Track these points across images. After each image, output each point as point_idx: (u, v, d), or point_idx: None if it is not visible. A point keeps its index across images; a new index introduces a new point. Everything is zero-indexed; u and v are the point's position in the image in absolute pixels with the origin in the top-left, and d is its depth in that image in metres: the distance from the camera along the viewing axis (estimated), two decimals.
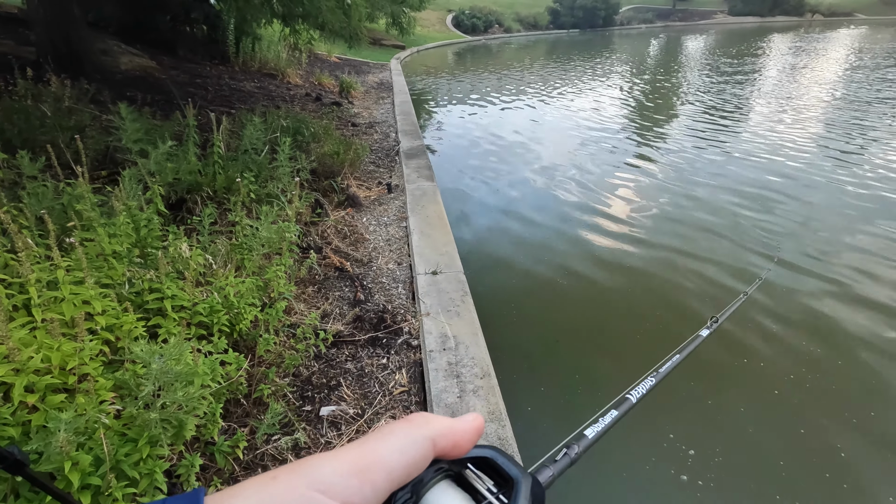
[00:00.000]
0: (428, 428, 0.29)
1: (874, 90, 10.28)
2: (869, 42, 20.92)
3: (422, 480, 0.28)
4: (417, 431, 0.29)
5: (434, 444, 0.29)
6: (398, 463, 0.27)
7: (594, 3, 30.88)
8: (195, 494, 0.24)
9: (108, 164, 3.19)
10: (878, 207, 4.74)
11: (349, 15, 4.48)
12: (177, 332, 1.67)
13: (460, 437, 0.30)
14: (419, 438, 0.28)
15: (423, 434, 0.29)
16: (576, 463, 0.54)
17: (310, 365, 2.22)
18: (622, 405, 0.68)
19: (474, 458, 0.31)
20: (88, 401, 1.26)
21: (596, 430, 0.60)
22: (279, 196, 3.16)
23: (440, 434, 0.29)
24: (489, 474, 0.31)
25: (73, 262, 1.59)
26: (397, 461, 0.27)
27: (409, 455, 0.27)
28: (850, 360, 2.78)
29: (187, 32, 8.01)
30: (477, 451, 0.31)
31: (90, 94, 4.02)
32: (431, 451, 0.29)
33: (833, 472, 2.14)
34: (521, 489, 0.29)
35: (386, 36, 15.90)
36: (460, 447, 0.30)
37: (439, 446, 0.29)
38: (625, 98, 10.56)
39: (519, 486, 0.29)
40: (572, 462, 0.53)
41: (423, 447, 0.28)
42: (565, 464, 0.52)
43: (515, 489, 0.29)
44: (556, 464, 0.51)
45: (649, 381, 0.75)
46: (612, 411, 0.65)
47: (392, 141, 6.00)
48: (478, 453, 0.31)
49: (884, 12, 36.82)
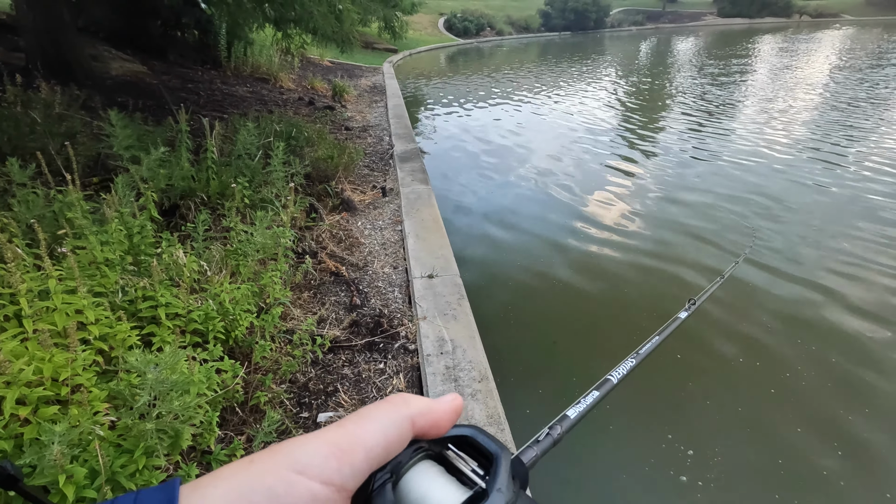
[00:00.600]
0: (407, 407, 0.29)
1: (860, 90, 10.40)
2: (856, 42, 21.19)
3: (401, 461, 0.28)
4: (396, 411, 0.29)
5: (413, 423, 0.29)
6: (377, 443, 0.27)
7: (585, 5, 31.10)
8: (171, 485, 0.24)
9: (100, 170, 3.16)
10: (856, 208, 4.79)
11: (341, 19, 4.48)
12: (171, 341, 1.65)
13: (439, 416, 0.30)
14: (398, 418, 0.28)
15: (402, 414, 0.29)
16: (559, 443, 0.54)
17: (307, 371, 2.21)
18: (603, 386, 0.69)
19: (455, 438, 0.31)
20: (82, 412, 1.24)
21: (578, 410, 0.61)
22: (273, 201, 3.14)
23: (419, 413, 0.29)
24: (472, 455, 0.31)
25: (64, 270, 1.57)
26: (376, 441, 0.27)
27: (388, 435, 0.27)
28: (843, 357, 2.80)
29: (178, 37, 7.97)
30: (456, 430, 0.31)
31: (81, 101, 3.98)
32: (410, 431, 0.29)
33: (828, 468, 2.15)
34: (500, 465, 0.29)
35: (378, 40, 15.93)
36: (439, 427, 0.30)
37: (418, 426, 0.29)
38: (616, 100, 10.62)
39: (499, 462, 0.29)
40: (555, 442, 0.54)
41: (402, 426, 0.28)
42: (548, 444, 0.53)
43: (495, 465, 0.29)
44: (540, 444, 0.52)
45: (630, 362, 0.75)
46: (594, 392, 0.66)
47: (386, 144, 5.99)
48: (457, 432, 0.31)
49: (869, 13, 37.37)
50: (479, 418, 1.93)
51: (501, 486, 0.28)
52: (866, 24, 32.83)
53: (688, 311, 1.07)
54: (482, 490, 0.28)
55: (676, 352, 2.81)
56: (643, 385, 2.56)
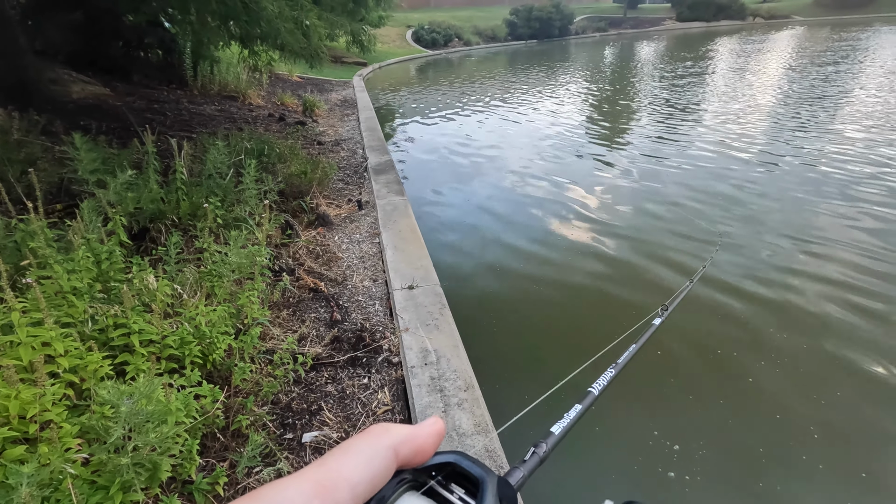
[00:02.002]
0: (388, 437, 0.29)
1: (813, 86, 10.88)
2: (806, 42, 22.20)
3: (384, 496, 0.28)
4: (378, 442, 0.28)
5: (396, 452, 0.28)
6: (361, 477, 0.26)
7: (549, 14, 31.77)
8: None
9: (64, 197, 3.06)
10: (815, 198, 5.00)
11: (309, 35, 4.46)
12: (146, 368, 1.60)
13: (422, 442, 0.30)
14: (380, 449, 0.28)
15: (383, 444, 0.28)
16: (545, 461, 0.54)
17: (289, 391, 2.16)
18: (585, 399, 0.69)
19: (439, 466, 0.31)
20: (53, 450, 1.18)
21: (562, 425, 0.61)
22: (247, 219, 3.09)
23: (401, 442, 0.29)
24: (458, 482, 0.30)
25: (29, 302, 1.50)
26: (360, 475, 0.26)
27: (373, 467, 0.27)
28: (813, 342, 2.89)
29: (142, 57, 7.81)
30: (440, 457, 0.31)
31: (41, 126, 3.86)
32: (394, 461, 0.28)
33: (809, 455, 2.21)
34: (486, 489, 0.28)
35: (347, 54, 15.95)
36: (423, 453, 0.30)
37: (402, 454, 0.29)
38: (584, 104, 10.85)
39: (485, 486, 0.29)
40: (542, 460, 0.54)
41: (386, 457, 0.28)
42: (535, 463, 0.53)
43: (481, 490, 0.28)
44: (525, 464, 0.51)
45: (609, 373, 0.76)
46: (576, 406, 0.66)
47: (360, 157, 5.98)
48: (441, 459, 0.30)
49: (818, 14, 39.20)
50: (466, 427, 1.92)
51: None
52: (815, 23, 34.48)
53: (661, 318, 1.09)
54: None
55: (656, 348, 2.86)
56: (627, 384, 2.59)
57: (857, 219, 4.47)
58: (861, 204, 4.77)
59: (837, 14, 38.21)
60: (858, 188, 5.16)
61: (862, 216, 4.52)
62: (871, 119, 7.82)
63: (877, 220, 4.41)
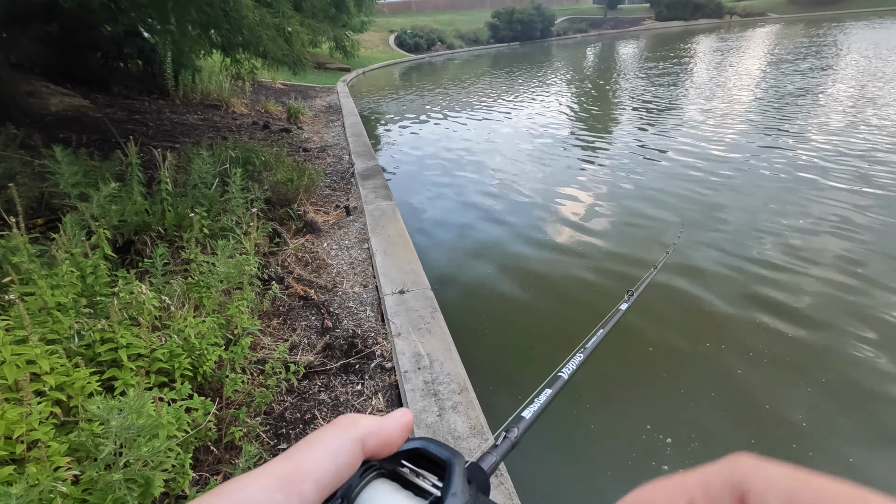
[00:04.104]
0: (355, 429, 0.28)
1: (790, 82, 11.11)
2: (782, 38, 22.67)
3: (351, 485, 0.27)
4: (344, 434, 0.28)
5: (363, 444, 0.28)
6: (326, 470, 0.26)
7: (530, 16, 32.03)
8: None
9: (45, 211, 3.00)
10: (785, 196, 5.10)
11: (291, 42, 4.44)
12: (135, 383, 1.57)
13: (389, 434, 0.29)
14: (346, 441, 0.27)
15: (350, 436, 0.28)
16: (517, 445, 0.54)
17: (282, 400, 2.14)
18: (555, 383, 0.70)
19: (407, 453, 0.31)
20: (41, 469, 1.16)
21: (533, 410, 0.61)
22: (234, 229, 3.06)
23: (369, 433, 0.29)
24: (428, 467, 0.30)
25: (12, 319, 1.47)
26: (325, 468, 0.26)
27: (338, 460, 0.26)
28: (797, 331, 2.95)
29: (121, 68, 7.70)
30: (408, 444, 0.31)
31: (19, 140, 3.79)
32: (361, 453, 0.28)
33: (798, 441, 2.25)
34: (454, 470, 0.28)
35: (330, 60, 15.87)
36: (390, 444, 0.29)
37: (369, 446, 0.28)
38: (568, 104, 10.94)
39: (452, 468, 0.28)
40: (513, 445, 0.54)
41: (353, 449, 0.27)
42: (506, 447, 0.53)
43: (448, 471, 0.28)
44: (497, 448, 0.52)
45: (578, 358, 0.77)
46: (547, 390, 0.67)
47: (346, 163, 5.96)
48: (409, 446, 0.30)
49: (792, 11, 40.12)
50: (461, 430, 1.92)
51: (456, 490, 0.27)
52: (789, 20, 35.29)
53: (627, 303, 1.11)
54: (437, 498, 0.27)
55: (648, 345, 2.89)
56: (618, 379, 2.62)
57: (822, 205, 4.57)
58: (828, 195, 4.87)
59: (810, 11, 39.13)
60: (826, 180, 5.27)
61: (825, 206, 4.62)
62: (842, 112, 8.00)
63: (854, 210, 4.51)
